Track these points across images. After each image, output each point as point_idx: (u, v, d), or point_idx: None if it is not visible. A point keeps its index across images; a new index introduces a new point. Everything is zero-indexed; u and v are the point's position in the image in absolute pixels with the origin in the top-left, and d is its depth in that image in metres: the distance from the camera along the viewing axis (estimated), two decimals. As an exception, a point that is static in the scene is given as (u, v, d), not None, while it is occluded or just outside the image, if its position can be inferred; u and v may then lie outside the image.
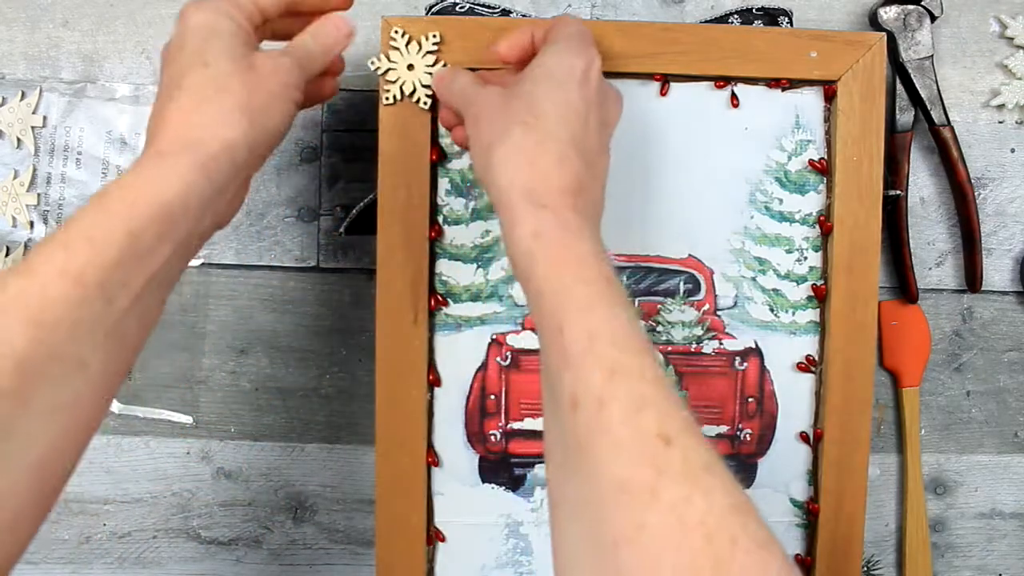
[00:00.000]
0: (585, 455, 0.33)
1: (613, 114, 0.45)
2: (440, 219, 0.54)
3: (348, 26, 0.48)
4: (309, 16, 0.48)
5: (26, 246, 0.60)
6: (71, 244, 0.36)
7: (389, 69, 0.51)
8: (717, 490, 0.31)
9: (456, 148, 0.54)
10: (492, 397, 0.55)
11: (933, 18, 0.58)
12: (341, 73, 0.52)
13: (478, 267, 0.54)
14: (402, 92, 0.51)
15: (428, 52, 0.51)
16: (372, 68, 0.51)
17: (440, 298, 0.54)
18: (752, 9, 0.58)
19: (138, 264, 0.37)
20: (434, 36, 0.51)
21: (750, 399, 0.55)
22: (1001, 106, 0.61)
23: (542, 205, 0.38)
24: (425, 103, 0.52)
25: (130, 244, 0.36)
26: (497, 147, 0.40)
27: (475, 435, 0.55)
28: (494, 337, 0.55)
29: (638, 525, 0.31)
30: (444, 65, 0.51)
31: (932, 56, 0.58)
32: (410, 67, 0.51)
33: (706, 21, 0.59)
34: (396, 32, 0.51)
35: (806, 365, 0.55)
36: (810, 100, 0.54)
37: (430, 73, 0.51)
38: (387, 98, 0.52)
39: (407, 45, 0.51)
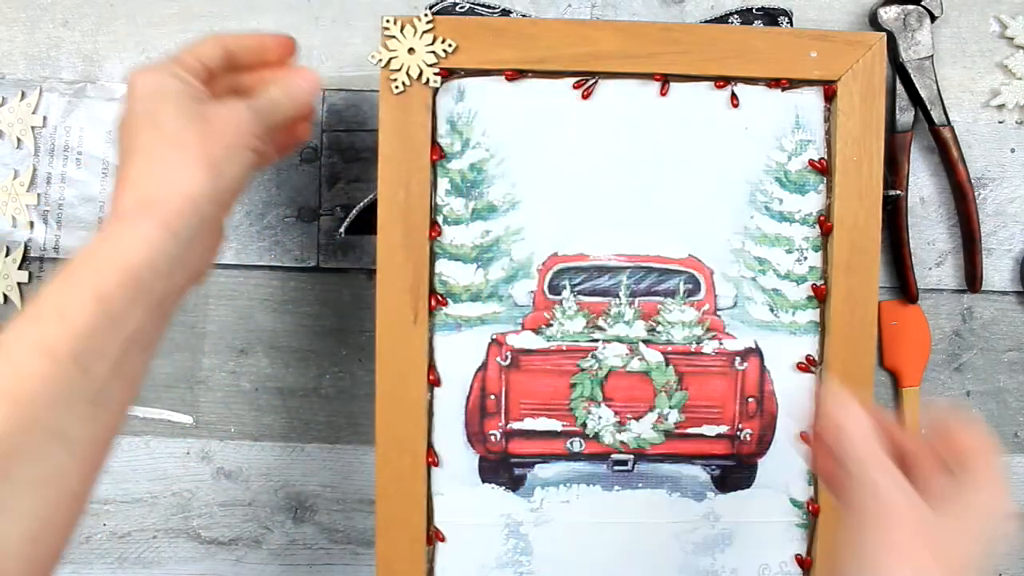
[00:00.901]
0: None
1: None
2: (440, 219, 0.54)
3: (316, 78, 0.49)
4: (256, 70, 0.49)
5: (26, 246, 0.60)
6: (41, 318, 0.36)
7: (391, 58, 0.51)
8: None
9: (456, 148, 0.54)
10: (492, 397, 0.55)
11: (933, 18, 0.58)
12: (313, 116, 0.53)
13: (478, 267, 0.54)
14: (409, 77, 0.52)
15: (425, 32, 0.51)
16: (375, 62, 0.51)
17: (440, 298, 0.54)
18: (752, 9, 0.58)
19: (111, 330, 0.37)
20: (426, 16, 0.51)
21: (750, 399, 0.55)
22: (1001, 106, 0.61)
23: None
24: (435, 82, 0.52)
25: (101, 312, 0.36)
26: None
27: (475, 435, 0.55)
28: (494, 337, 0.55)
29: None
30: (445, 42, 0.52)
31: (932, 56, 0.58)
32: (411, 51, 0.51)
33: (706, 21, 0.59)
34: (388, 21, 0.51)
35: (806, 365, 0.55)
36: (810, 100, 0.54)
37: (433, 52, 0.51)
38: (396, 87, 0.51)
39: (402, 31, 0.51)
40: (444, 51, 0.52)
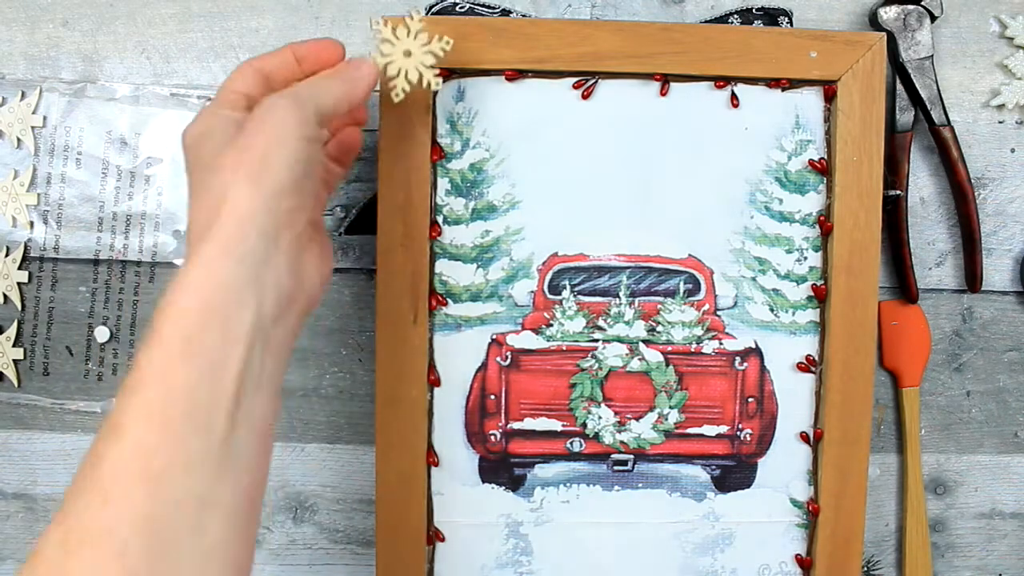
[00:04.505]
0: None
1: None
2: (440, 219, 0.54)
3: (372, 67, 0.45)
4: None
5: (26, 246, 0.60)
6: (144, 383, 0.34)
7: (388, 63, 0.47)
8: None
9: (456, 148, 0.54)
10: (492, 397, 0.55)
11: (933, 18, 0.58)
12: (365, 123, 0.51)
13: (478, 267, 0.54)
14: (409, 82, 0.47)
15: (419, 31, 0.48)
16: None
17: (440, 298, 0.54)
18: (752, 9, 0.58)
19: (214, 379, 0.35)
20: (417, 12, 0.48)
21: (750, 399, 0.55)
22: (1001, 106, 0.61)
23: None
24: (437, 84, 0.48)
25: (200, 365, 0.34)
26: None
27: (475, 435, 0.55)
28: (494, 337, 0.55)
29: None
30: (442, 40, 0.48)
31: (932, 56, 0.58)
32: (407, 53, 0.47)
33: (706, 21, 0.59)
34: (378, 24, 0.47)
35: (806, 365, 0.55)
36: (810, 100, 0.54)
37: (431, 52, 0.47)
38: (396, 95, 0.47)
39: (395, 32, 0.47)
40: (443, 49, 0.48)
